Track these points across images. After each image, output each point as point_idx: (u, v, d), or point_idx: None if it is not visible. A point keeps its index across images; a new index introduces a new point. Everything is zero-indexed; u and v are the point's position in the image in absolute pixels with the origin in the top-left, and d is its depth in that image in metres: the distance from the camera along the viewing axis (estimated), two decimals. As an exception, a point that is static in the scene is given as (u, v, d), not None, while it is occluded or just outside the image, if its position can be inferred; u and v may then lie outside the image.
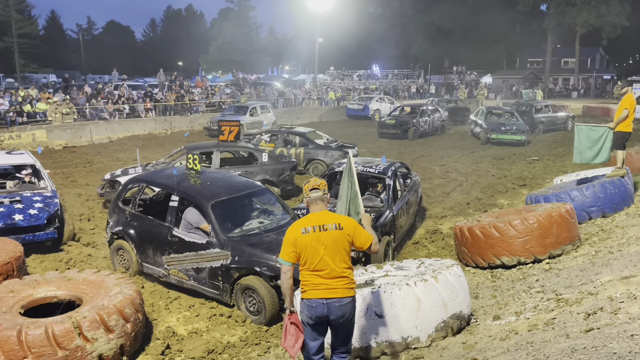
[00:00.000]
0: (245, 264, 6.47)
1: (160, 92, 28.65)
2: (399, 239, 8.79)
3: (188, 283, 7.05)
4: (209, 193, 7.30)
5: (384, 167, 9.26)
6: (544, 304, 5.22)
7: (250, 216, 7.61)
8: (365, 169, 9.22)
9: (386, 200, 8.62)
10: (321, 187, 4.17)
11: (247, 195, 7.78)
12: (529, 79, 54.94)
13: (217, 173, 8.80)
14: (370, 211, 8.32)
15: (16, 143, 19.31)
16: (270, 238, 6.86)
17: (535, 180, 14.00)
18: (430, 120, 23.83)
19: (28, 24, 52.95)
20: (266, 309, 6.26)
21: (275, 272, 6.18)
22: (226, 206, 7.31)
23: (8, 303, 5.31)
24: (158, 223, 7.47)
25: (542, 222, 7.22)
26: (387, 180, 8.91)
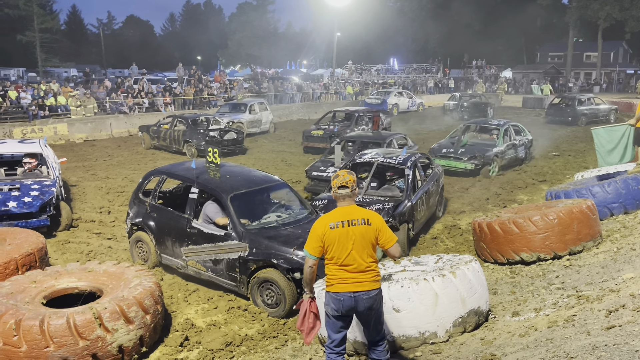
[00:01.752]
0: (263, 256, 6.51)
1: (179, 86, 28.85)
2: (417, 227, 8.97)
3: (206, 274, 7.12)
4: (228, 186, 7.37)
5: (403, 158, 9.48)
6: (564, 300, 5.16)
7: (268, 209, 7.65)
8: (386, 160, 9.48)
9: (405, 190, 8.87)
10: (349, 184, 4.13)
11: (265, 189, 7.85)
12: (549, 74, 54.20)
13: (236, 167, 8.89)
14: (389, 200, 8.67)
15: (38, 136, 19.57)
16: (288, 231, 6.91)
17: (556, 175, 13.84)
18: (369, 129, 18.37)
19: (50, 18, 53.41)
20: (286, 301, 6.30)
21: (292, 264, 6.26)
22: (245, 199, 7.38)
23: (31, 293, 5.40)
24: (177, 215, 7.54)
25: (562, 218, 7.13)
26: (406, 171, 9.14)
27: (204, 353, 5.52)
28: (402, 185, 9.21)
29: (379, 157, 9.60)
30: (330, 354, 4.18)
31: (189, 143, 17.17)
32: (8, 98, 21.85)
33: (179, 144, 17.61)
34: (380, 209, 8.37)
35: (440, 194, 10.56)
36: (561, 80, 49.46)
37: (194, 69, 33.51)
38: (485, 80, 45.99)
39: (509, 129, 15.05)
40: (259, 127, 22.83)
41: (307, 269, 4.14)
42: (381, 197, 8.97)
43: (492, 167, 13.88)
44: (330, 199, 8.88)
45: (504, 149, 14.38)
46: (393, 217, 8.21)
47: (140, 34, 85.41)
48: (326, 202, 8.81)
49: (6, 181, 9.53)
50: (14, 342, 4.68)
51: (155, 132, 18.80)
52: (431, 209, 9.84)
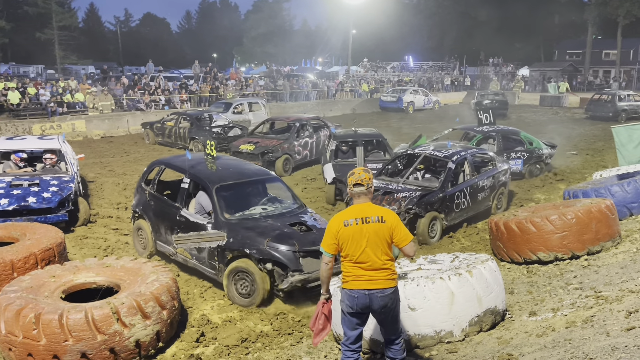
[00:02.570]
0: (238, 246, 6.71)
1: (195, 83, 28.97)
2: (454, 219, 9.43)
3: (191, 262, 7.38)
4: (216, 177, 7.66)
5: (451, 152, 9.93)
6: (583, 301, 5.11)
7: (255, 202, 7.84)
8: (433, 153, 10.03)
9: (441, 182, 9.31)
10: (364, 183, 4.12)
11: (255, 181, 8.10)
12: (567, 71, 53.49)
13: (233, 160, 9.17)
14: (420, 190, 9.16)
15: (57, 133, 19.79)
16: (267, 223, 7.10)
17: (574, 175, 13.68)
18: (313, 142, 15.49)
19: (68, 16, 53.94)
20: (257, 292, 6.44)
21: (264, 255, 6.47)
22: (231, 190, 7.63)
23: (50, 288, 5.47)
24: (170, 203, 7.91)
25: (580, 217, 7.06)
26: (448, 164, 9.57)
27: (219, 349, 5.55)
28: (442, 177, 9.54)
29: (427, 150, 10.15)
30: (346, 351, 4.18)
31: (195, 140, 17.19)
32: (27, 95, 22.11)
33: (185, 141, 17.65)
34: (406, 197, 8.95)
35: (499, 190, 10.59)
36: (579, 78, 48.80)
37: (210, 67, 33.65)
38: (502, 78, 45.54)
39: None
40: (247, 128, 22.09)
41: (323, 266, 4.14)
42: (413, 187, 9.43)
43: None
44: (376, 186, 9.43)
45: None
46: (417, 204, 8.73)
47: (156, 31, 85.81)
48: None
49: (26, 177, 9.66)
50: (34, 335, 4.75)
51: (159, 130, 18.85)
52: (480, 204, 10.11)
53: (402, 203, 8.87)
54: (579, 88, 44.09)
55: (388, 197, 9.15)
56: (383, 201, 9.02)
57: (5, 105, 21.22)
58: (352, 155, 12.21)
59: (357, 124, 14.62)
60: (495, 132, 13.72)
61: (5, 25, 45.99)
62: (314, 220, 7.36)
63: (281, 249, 6.53)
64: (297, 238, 6.73)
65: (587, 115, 27.55)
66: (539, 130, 21.55)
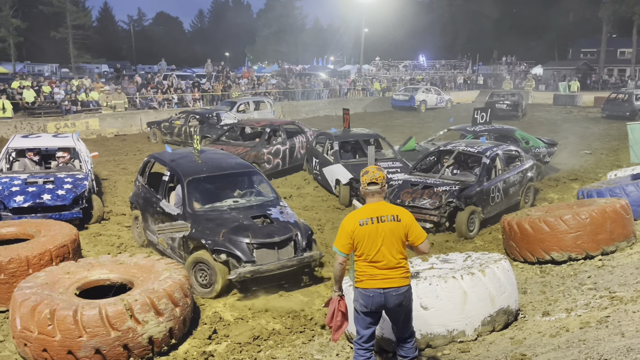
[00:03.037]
0: (197, 236, 6.93)
1: (207, 82, 29.11)
2: (489, 212, 9.67)
3: (167, 251, 7.66)
4: (192, 170, 7.92)
5: (484, 147, 10.21)
6: (597, 301, 5.07)
7: (228, 194, 8.01)
8: (467, 149, 10.27)
9: (477, 176, 9.60)
10: (379, 181, 4.11)
11: (230, 174, 8.29)
12: (582, 70, 52.98)
13: (217, 153, 9.35)
14: (459, 184, 9.39)
15: (71, 131, 19.97)
16: (230, 215, 7.26)
17: (588, 174, 13.56)
18: (286, 150, 13.86)
19: (82, 15, 54.32)
20: (217, 282, 6.61)
21: (218, 246, 6.68)
22: (203, 183, 7.88)
23: (64, 284, 5.52)
24: (153, 195, 8.30)
25: (595, 217, 7.00)
26: (483, 159, 9.82)
27: (231, 346, 5.57)
28: (478, 172, 9.78)
29: (461, 146, 10.39)
30: (358, 350, 4.18)
31: (207, 138, 17.15)
32: (42, 93, 22.35)
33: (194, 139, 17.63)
34: (447, 190, 9.17)
35: (526, 185, 10.80)
36: (594, 77, 48.29)
37: (222, 65, 33.79)
38: (515, 77, 45.23)
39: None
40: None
41: (337, 265, 4.13)
42: (452, 181, 9.64)
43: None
44: (406, 179, 9.99)
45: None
46: (457, 198, 8.99)
47: (169, 30, 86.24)
48: (401, 182, 9.94)
49: (41, 174, 9.76)
50: (49, 331, 4.80)
51: (167, 128, 18.82)
52: (511, 198, 10.35)
53: (442, 196, 9.06)
54: (593, 87, 43.66)
55: (428, 190, 9.32)
56: (424, 195, 9.23)
57: (20, 103, 21.47)
58: (352, 155, 12.39)
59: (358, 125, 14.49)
60: (488, 131, 13.52)
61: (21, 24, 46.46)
62: (280, 213, 7.48)
63: (234, 240, 6.75)
64: (253, 230, 6.90)
65: (603, 115, 27.19)
66: (552, 130, 21.42)
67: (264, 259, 6.72)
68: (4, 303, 6.07)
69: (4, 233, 7.19)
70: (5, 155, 10.09)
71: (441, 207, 8.94)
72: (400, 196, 9.42)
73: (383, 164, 11.04)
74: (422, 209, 9.05)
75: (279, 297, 6.78)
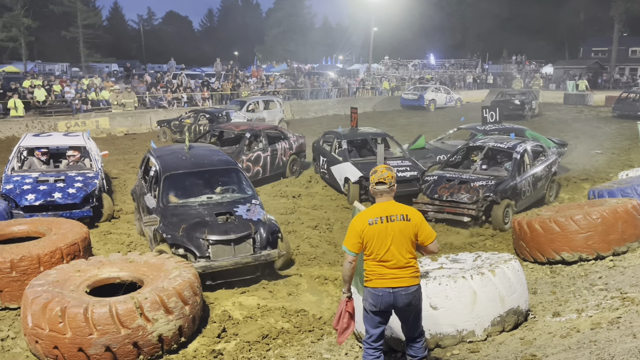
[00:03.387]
0: (162, 230, 7.20)
1: (217, 81, 29.18)
2: (522, 205, 9.97)
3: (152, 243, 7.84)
4: (173, 166, 8.25)
5: (513, 143, 10.54)
6: (608, 302, 5.03)
7: (204, 190, 8.23)
8: (497, 145, 10.61)
9: (510, 171, 9.90)
10: (387, 180, 4.10)
11: (209, 171, 8.51)
12: (592, 69, 52.58)
13: (205, 150, 9.51)
14: (495, 180, 9.66)
15: (81, 130, 20.10)
16: (195, 211, 7.50)
17: (599, 174, 13.46)
18: (267, 157, 12.97)
19: (92, 15, 54.71)
20: None
21: (176, 241, 6.97)
22: (180, 179, 8.17)
23: (75, 282, 5.56)
24: (143, 188, 8.74)
25: (606, 217, 6.95)
26: (513, 154, 10.17)
27: (240, 345, 5.58)
28: (509, 167, 10.09)
29: (491, 142, 10.72)
30: (368, 349, 4.18)
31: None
32: (53, 92, 22.50)
33: (205, 138, 17.73)
34: (483, 185, 9.50)
35: (551, 179, 11.13)
36: (605, 76, 47.92)
37: (232, 64, 33.84)
38: (525, 76, 44.97)
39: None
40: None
41: (346, 265, 4.11)
42: (486, 176, 9.95)
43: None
44: (441, 175, 10.19)
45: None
46: (494, 192, 9.33)
47: (179, 29, 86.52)
48: (436, 177, 10.12)
49: (52, 173, 9.83)
50: (60, 328, 4.84)
51: (177, 127, 18.84)
52: (539, 192, 10.65)
53: (480, 191, 9.38)
54: (604, 86, 43.32)
55: (465, 186, 9.61)
56: (461, 190, 9.53)
57: (31, 102, 21.62)
58: (359, 154, 12.40)
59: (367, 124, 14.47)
60: (498, 130, 13.46)
61: (32, 24, 46.78)
62: (247, 211, 7.57)
63: (191, 236, 6.97)
64: (210, 227, 7.09)
65: (614, 114, 26.97)
66: (563, 129, 21.30)
67: (219, 255, 6.92)
68: (15, 300, 6.12)
69: (16, 231, 7.25)
70: (16, 154, 10.17)
71: (479, 202, 9.28)
72: (438, 191, 9.74)
73: (392, 163, 11.01)
74: (461, 204, 9.39)
75: (287, 296, 6.79)
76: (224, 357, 5.34)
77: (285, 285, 7.14)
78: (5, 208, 8.49)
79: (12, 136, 19.12)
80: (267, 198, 11.55)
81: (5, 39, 45.36)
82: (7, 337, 5.62)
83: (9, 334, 5.68)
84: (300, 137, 14.47)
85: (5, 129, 19.72)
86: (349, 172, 11.23)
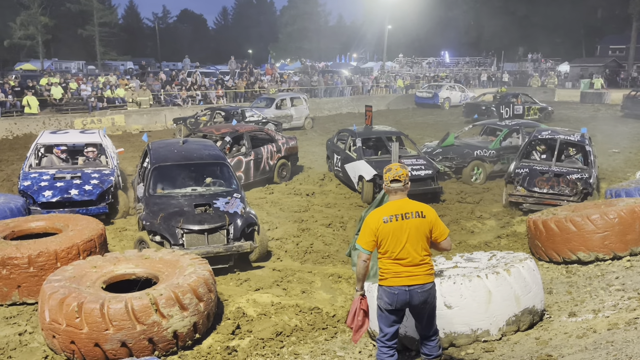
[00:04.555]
0: (142, 217, 7.65)
1: (231, 79, 29.27)
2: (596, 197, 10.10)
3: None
4: (162, 158, 8.71)
5: (580, 135, 10.98)
6: (625, 302, 4.98)
7: (190, 182, 8.64)
8: (566, 137, 10.94)
9: (590, 164, 10.36)
10: (402, 178, 4.09)
11: (197, 164, 8.88)
12: (610, 67, 51.94)
13: (198, 144, 9.82)
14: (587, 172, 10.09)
15: (97, 127, 20.27)
16: (175, 202, 7.86)
17: (616, 173, 13.32)
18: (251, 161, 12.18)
19: (108, 13, 55.11)
20: None
21: (153, 228, 7.31)
22: (168, 170, 8.61)
23: (92, 278, 5.62)
24: (137, 177, 9.22)
25: (623, 217, 6.87)
26: (586, 147, 10.63)
27: (254, 342, 5.60)
28: (581, 159, 10.64)
29: (559, 135, 11.01)
30: (382, 347, 4.17)
31: None
32: (69, 90, 22.73)
33: None
34: (580, 178, 9.93)
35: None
36: (622, 74, 47.27)
37: (246, 63, 33.94)
38: (541, 74, 44.55)
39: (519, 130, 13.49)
40: (289, 123, 22.05)
41: (361, 263, 4.09)
42: (574, 168, 10.36)
43: (476, 173, 12.72)
44: (532, 167, 10.49)
45: (494, 153, 12.95)
46: (590, 185, 9.78)
47: (193, 27, 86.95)
48: (528, 170, 10.41)
49: (68, 170, 9.94)
50: (77, 323, 4.89)
51: (193, 125, 18.89)
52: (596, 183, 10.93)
53: (578, 184, 9.84)
54: (622, 84, 42.73)
55: (562, 178, 10.02)
56: (560, 183, 9.95)
57: (48, 100, 21.85)
58: (374, 152, 12.37)
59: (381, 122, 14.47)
60: (519, 125, 13.80)
61: (49, 22, 47.21)
62: (226, 204, 7.88)
63: (167, 224, 7.32)
64: (186, 217, 7.42)
65: (622, 114, 26.45)
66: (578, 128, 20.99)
67: (192, 244, 7.25)
68: (33, 295, 6.20)
69: (33, 227, 7.35)
70: (34, 151, 10.29)
71: (577, 194, 9.74)
72: (536, 183, 10.08)
73: (406, 161, 10.99)
74: (562, 196, 9.80)
75: (301, 294, 6.81)
76: (238, 353, 5.36)
77: (299, 283, 7.16)
78: (23, 204, 8.61)
79: (29, 133, 19.35)
80: (281, 196, 11.58)
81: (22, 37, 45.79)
82: (25, 332, 5.70)
83: (26, 329, 5.75)
84: (290, 139, 13.76)
85: (22, 126, 19.96)
86: (363, 170, 11.19)
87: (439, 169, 11.33)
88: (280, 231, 9.25)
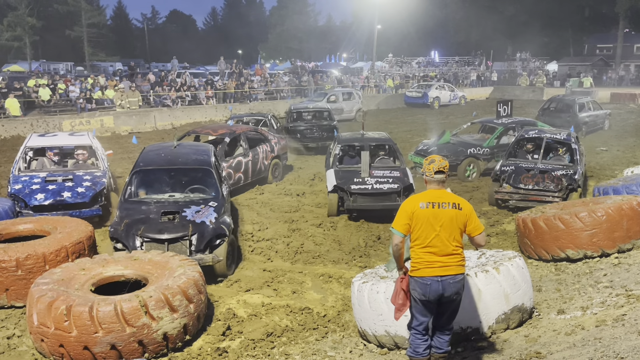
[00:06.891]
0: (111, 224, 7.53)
1: (220, 80, 29.21)
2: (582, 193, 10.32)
3: None
4: (146, 162, 8.57)
5: (565, 134, 11.15)
6: (613, 299, 5.02)
7: (169, 189, 8.45)
8: (552, 136, 11.10)
9: (576, 161, 10.48)
10: (445, 170, 4.18)
11: (179, 170, 8.64)
12: (597, 66, 52.39)
13: (190, 148, 9.54)
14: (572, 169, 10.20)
15: (86, 129, 20.15)
16: (146, 208, 7.63)
17: (603, 171, 13.42)
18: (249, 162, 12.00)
19: (97, 14, 54.90)
20: None
21: (116, 235, 7.10)
22: (148, 175, 8.52)
23: (80, 280, 5.58)
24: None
25: (611, 214, 6.92)
26: (572, 145, 10.81)
27: (245, 343, 5.59)
28: (568, 157, 10.79)
29: (545, 135, 11.15)
30: (416, 334, 4.24)
31: None
32: (57, 91, 22.58)
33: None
34: (564, 174, 10.02)
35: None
36: (610, 73, 47.70)
37: (235, 63, 33.86)
38: (529, 73, 44.82)
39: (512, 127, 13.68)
40: (340, 115, 23.15)
41: (394, 247, 4.14)
42: (560, 165, 10.45)
43: (470, 170, 12.80)
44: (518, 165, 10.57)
45: (488, 150, 13.05)
46: (575, 181, 9.90)
47: (182, 28, 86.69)
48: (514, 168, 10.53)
49: (60, 172, 9.85)
50: (65, 327, 4.86)
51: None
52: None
53: (562, 180, 9.92)
54: (609, 83, 43.12)
55: (548, 175, 10.09)
56: (545, 179, 10.02)
57: (36, 101, 21.70)
58: (359, 160, 10.77)
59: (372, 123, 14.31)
60: (515, 123, 13.97)
61: (36, 23, 46.97)
62: (196, 212, 7.48)
63: (128, 232, 7.13)
64: (149, 225, 7.20)
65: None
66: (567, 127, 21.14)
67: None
68: (21, 299, 6.15)
69: (21, 230, 7.29)
70: (22, 155, 10.19)
71: (562, 190, 9.82)
72: (522, 180, 10.17)
73: (376, 172, 10.17)
74: (547, 192, 9.88)
75: (292, 294, 6.80)
76: (228, 355, 5.35)
77: (290, 283, 7.15)
78: (10, 207, 8.52)
79: (16, 135, 19.19)
80: (271, 196, 11.55)
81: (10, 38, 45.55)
82: (13, 336, 5.65)
83: (15, 332, 5.71)
84: (282, 138, 13.75)
85: (10, 128, 19.79)
86: (328, 180, 10.30)
87: (411, 183, 10.05)
88: (270, 231, 9.24)
